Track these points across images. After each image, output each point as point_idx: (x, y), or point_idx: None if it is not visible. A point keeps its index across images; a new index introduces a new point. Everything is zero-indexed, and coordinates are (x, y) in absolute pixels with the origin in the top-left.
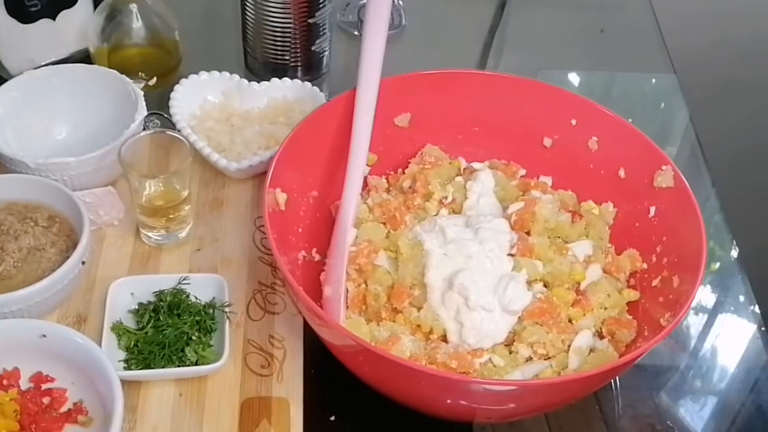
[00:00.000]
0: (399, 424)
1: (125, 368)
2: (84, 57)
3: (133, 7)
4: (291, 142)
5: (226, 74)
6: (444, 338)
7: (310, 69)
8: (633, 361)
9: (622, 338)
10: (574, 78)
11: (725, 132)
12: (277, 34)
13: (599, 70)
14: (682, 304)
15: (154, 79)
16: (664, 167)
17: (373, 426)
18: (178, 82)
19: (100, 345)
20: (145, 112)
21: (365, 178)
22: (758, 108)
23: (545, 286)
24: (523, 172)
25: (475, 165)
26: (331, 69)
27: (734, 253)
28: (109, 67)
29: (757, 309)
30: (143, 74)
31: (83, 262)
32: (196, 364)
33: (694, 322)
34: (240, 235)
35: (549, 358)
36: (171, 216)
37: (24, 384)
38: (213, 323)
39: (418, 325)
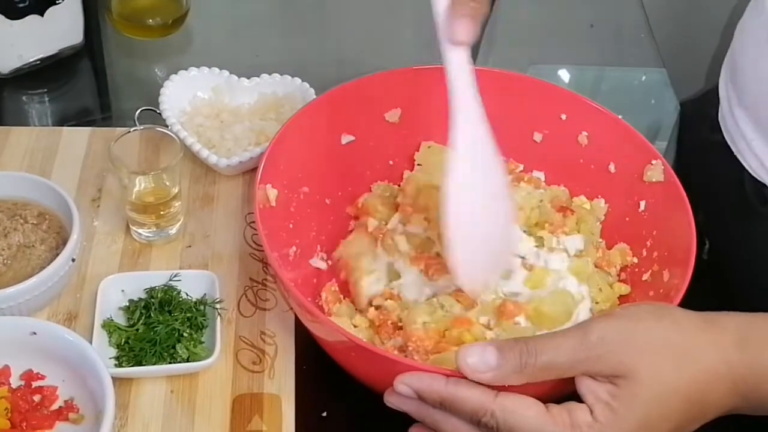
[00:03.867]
0: (391, 420)
1: (116, 365)
2: (73, 53)
3: None
4: (281, 137)
5: (216, 70)
6: None
7: None
8: None
9: None
10: (563, 73)
11: None
12: None
13: (589, 66)
14: (672, 298)
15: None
16: (653, 162)
17: (365, 422)
18: (186, 32)
19: (90, 342)
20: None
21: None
22: None
23: None
24: (521, 167)
25: None
26: (320, 66)
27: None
28: (120, 15)
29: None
30: (152, 21)
31: (73, 260)
32: (188, 360)
33: None
34: (231, 231)
35: None
36: (161, 213)
37: (14, 382)
38: (204, 320)
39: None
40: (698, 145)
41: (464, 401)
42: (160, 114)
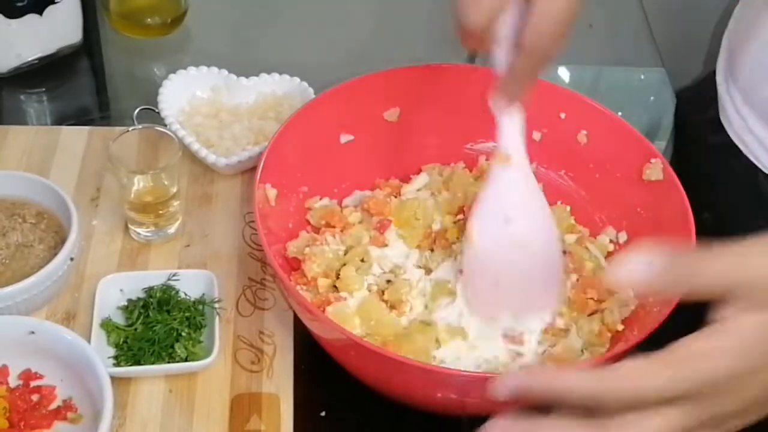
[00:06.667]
0: (390, 419)
1: (115, 365)
2: (72, 52)
3: None
4: (280, 137)
5: (215, 69)
6: None
7: None
8: (620, 356)
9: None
10: (563, 72)
11: None
12: None
13: (588, 65)
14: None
15: None
16: (653, 160)
17: (364, 421)
18: (184, 32)
19: (89, 342)
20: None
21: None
22: None
23: None
24: None
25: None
26: (319, 65)
27: None
28: (118, 14)
29: None
30: (151, 20)
31: (72, 259)
32: (186, 360)
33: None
34: (230, 230)
35: None
36: (160, 212)
37: (13, 381)
38: (203, 319)
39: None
40: (699, 144)
41: (572, 386)
42: (158, 113)
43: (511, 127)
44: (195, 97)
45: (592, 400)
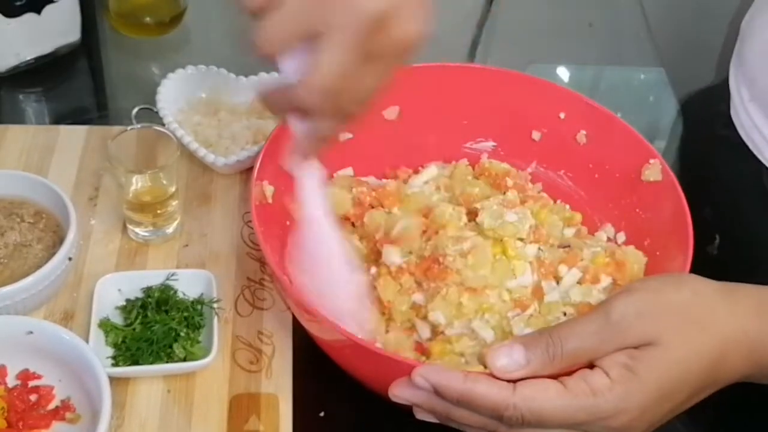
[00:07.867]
0: (389, 420)
1: (113, 365)
2: (70, 51)
3: None
4: (278, 134)
5: (214, 68)
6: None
7: None
8: None
9: None
10: (563, 72)
11: None
12: None
13: (588, 64)
14: None
15: None
16: (651, 161)
17: (363, 422)
18: (183, 31)
19: (87, 342)
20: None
21: None
22: None
23: None
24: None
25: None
26: None
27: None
28: (117, 13)
29: None
30: (150, 19)
31: (70, 258)
32: (185, 360)
33: None
34: (228, 230)
35: None
36: (158, 211)
37: (11, 381)
38: (201, 319)
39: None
40: (707, 140)
41: (484, 398)
42: (157, 112)
43: (310, 184)
44: (194, 97)
45: (496, 411)
